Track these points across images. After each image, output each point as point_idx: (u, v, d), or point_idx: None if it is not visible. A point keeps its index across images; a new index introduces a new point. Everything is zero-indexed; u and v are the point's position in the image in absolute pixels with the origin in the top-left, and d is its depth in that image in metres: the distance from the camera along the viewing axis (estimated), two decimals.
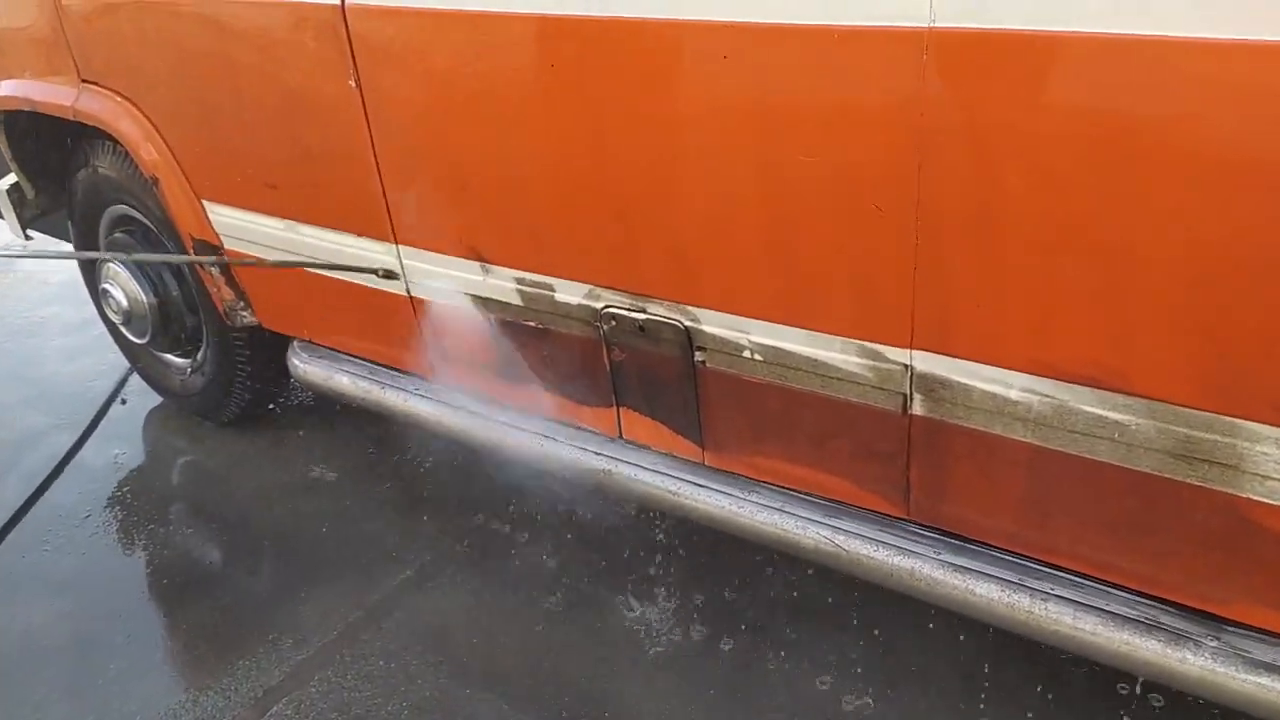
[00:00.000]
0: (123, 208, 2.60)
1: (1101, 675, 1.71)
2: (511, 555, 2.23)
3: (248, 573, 2.28)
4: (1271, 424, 1.14)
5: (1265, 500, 1.19)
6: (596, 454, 1.84)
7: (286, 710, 1.86)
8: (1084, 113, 1.10)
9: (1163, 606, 1.35)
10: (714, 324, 1.56)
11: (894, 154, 1.24)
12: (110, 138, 2.32)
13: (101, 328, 2.92)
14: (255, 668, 1.97)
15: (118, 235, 2.65)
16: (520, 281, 1.76)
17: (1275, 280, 1.06)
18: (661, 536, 2.22)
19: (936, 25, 1.14)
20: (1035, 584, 1.42)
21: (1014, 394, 1.31)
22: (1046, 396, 1.29)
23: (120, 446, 2.77)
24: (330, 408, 2.91)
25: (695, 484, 1.73)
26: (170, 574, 2.27)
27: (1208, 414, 1.18)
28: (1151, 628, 1.33)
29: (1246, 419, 1.15)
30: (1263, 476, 1.18)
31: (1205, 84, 1.02)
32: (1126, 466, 1.27)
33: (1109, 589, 1.39)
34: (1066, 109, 1.11)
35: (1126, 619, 1.35)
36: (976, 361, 1.33)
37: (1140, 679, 1.63)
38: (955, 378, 1.36)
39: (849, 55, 1.22)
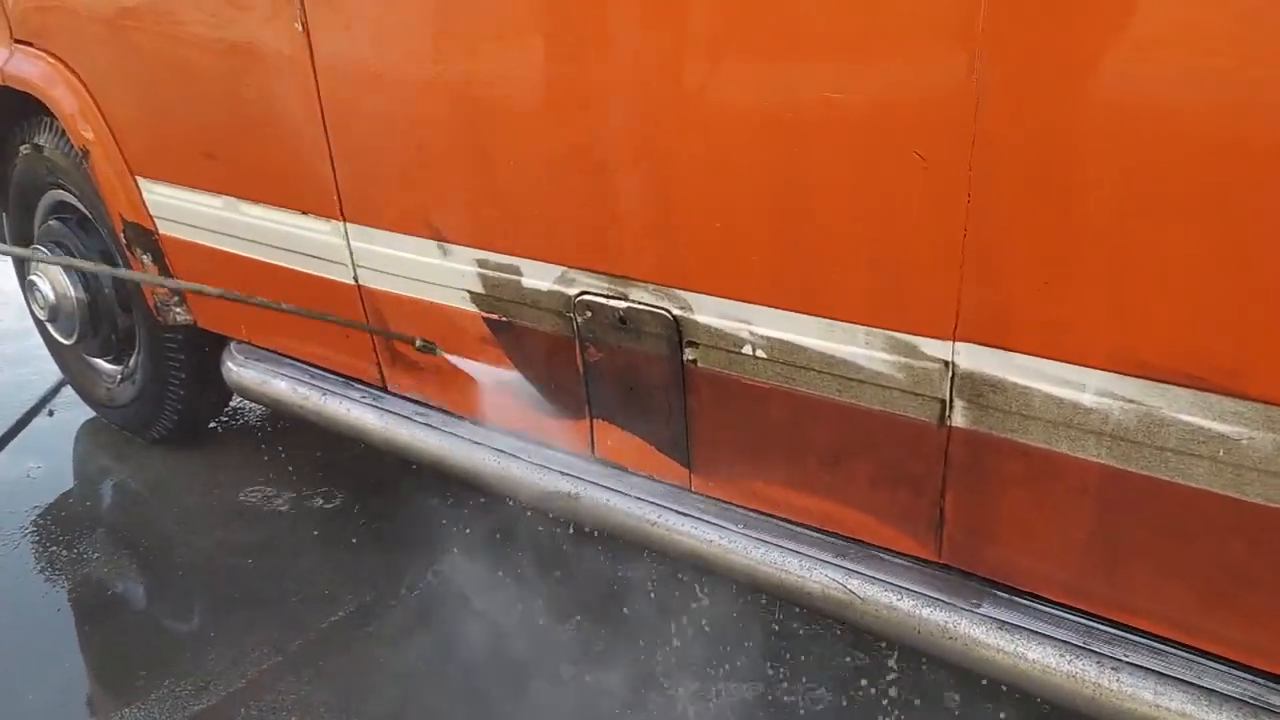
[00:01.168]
0: (60, 193, 2.34)
1: None
2: (469, 606, 1.90)
3: (155, 609, 1.96)
4: None
5: None
6: (562, 474, 1.54)
7: None
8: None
9: (1273, 684, 1.05)
10: (708, 312, 1.28)
11: (944, 82, 0.98)
12: (48, 107, 2.07)
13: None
14: (145, 717, 1.64)
15: (51, 223, 2.38)
16: (483, 264, 1.49)
17: None
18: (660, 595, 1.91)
19: None
20: (1104, 649, 1.12)
21: (1087, 399, 1.03)
22: (1130, 402, 1.00)
23: (37, 460, 2.46)
24: (277, 429, 2.62)
25: (680, 513, 1.43)
26: (65, 607, 1.95)
27: None
28: (1258, 709, 1.03)
29: None
30: None
31: None
32: (1232, 496, 0.99)
33: (1200, 659, 1.09)
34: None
35: (1225, 696, 1.04)
36: (1040, 356, 1.05)
37: None
38: (1011, 378, 1.08)
39: None
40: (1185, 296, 0.95)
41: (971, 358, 1.10)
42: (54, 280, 2.26)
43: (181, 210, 1.92)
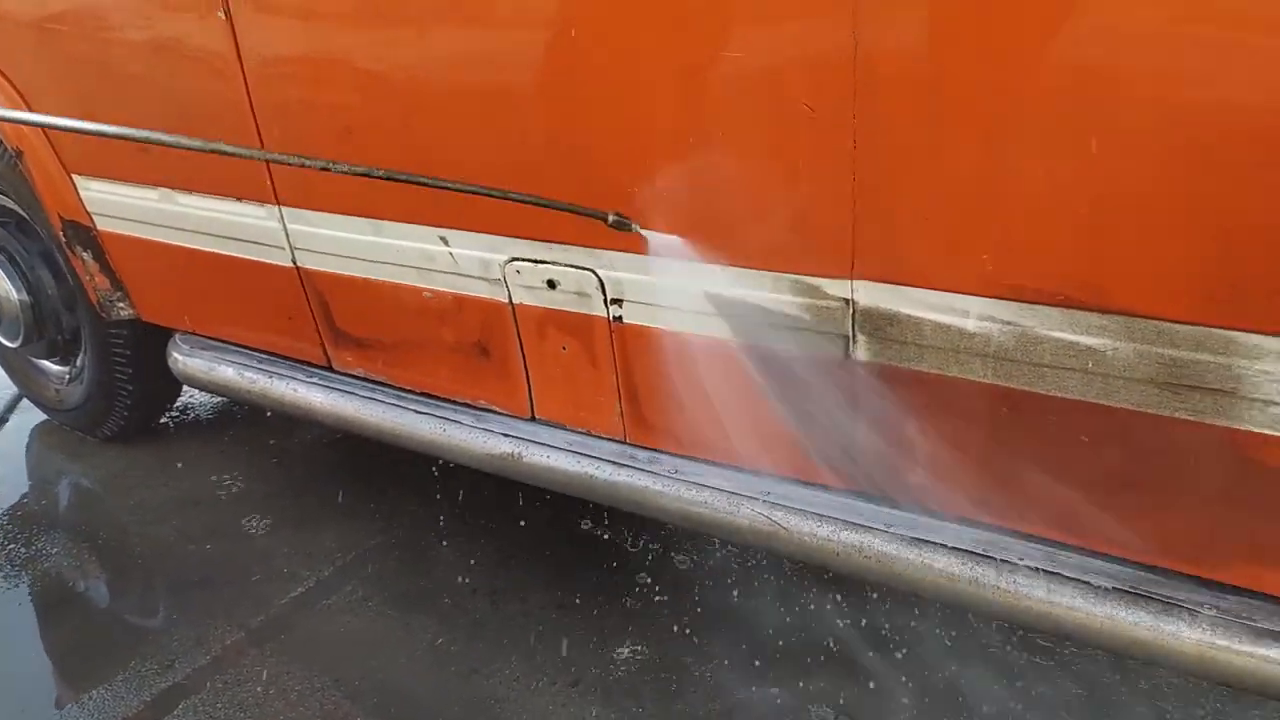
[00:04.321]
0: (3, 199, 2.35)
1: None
2: (421, 573, 1.97)
3: (118, 595, 2.01)
4: (1274, 334, 0.96)
5: (1269, 432, 1.01)
6: (504, 435, 1.61)
7: None
8: None
9: (1152, 574, 1.15)
10: (630, 269, 1.36)
11: (826, 39, 1.07)
12: None
13: None
14: (111, 697, 1.68)
15: None
16: (418, 238, 1.55)
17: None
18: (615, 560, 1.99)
19: None
20: (1002, 555, 1.22)
21: (971, 324, 1.12)
22: (1008, 324, 1.10)
23: None
24: (229, 419, 2.66)
25: (616, 464, 1.51)
26: (25, 600, 1.98)
27: (1198, 328, 1.00)
28: (1139, 598, 1.13)
29: (1244, 330, 0.97)
30: (1265, 402, 0.99)
31: None
32: (1102, 404, 1.09)
33: (1090, 557, 1.19)
34: None
35: (1108, 590, 1.15)
36: (927, 288, 1.14)
37: None
38: (904, 310, 1.17)
39: None
40: (1048, 223, 1.04)
41: (868, 294, 1.18)
42: None
43: (118, 205, 1.95)
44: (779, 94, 1.13)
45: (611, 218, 1.26)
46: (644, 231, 1.28)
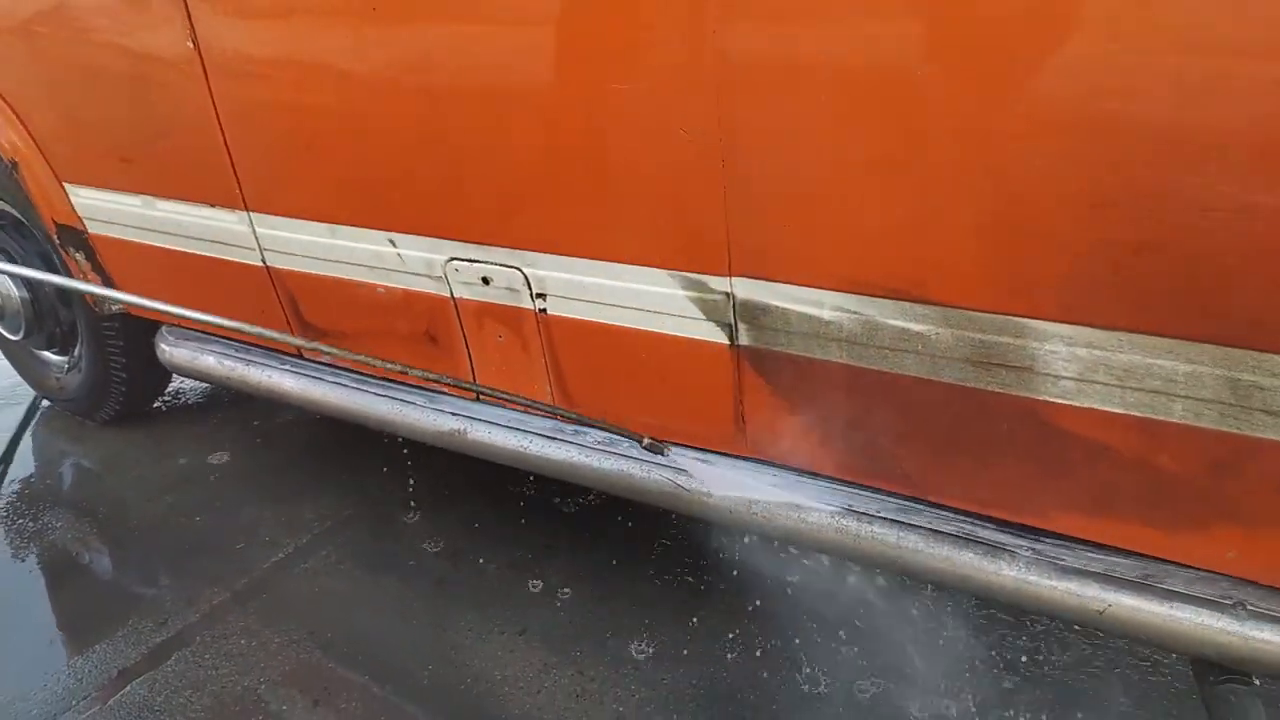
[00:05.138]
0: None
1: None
2: (390, 538, 2.19)
3: (117, 563, 2.22)
4: (1057, 320, 1.16)
5: (1060, 401, 1.21)
6: (452, 414, 1.82)
7: (140, 690, 1.80)
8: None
9: (981, 521, 1.36)
10: (549, 268, 1.56)
11: (691, 75, 1.26)
12: None
13: None
14: (112, 650, 1.91)
15: None
16: (369, 240, 1.74)
17: (1053, 177, 1.09)
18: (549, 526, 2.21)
19: None
20: (862, 508, 1.43)
21: (826, 314, 1.32)
22: (855, 313, 1.30)
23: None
24: (216, 403, 2.87)
25: (548, 437, 1.72)
26: (35, 567, 2.20)
27: (998, 316, 1.20)
28: (969, 542, 1.34)
29: (1034, 318, 1.17)
30: (1055, 376, 1.20)
31: None
32: (933, 379, 1.29)
33: (932, 509, 1.40)
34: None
35: (945, 535, 1.36)
36: (790, 284, 1.34)
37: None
38: (774, 302, 1.37)
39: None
40: (877, 227, 1.23)
41: (745, 288, 1.38)
42: None
43: (106, 210, 2.15)
44: (665, 121, 1.32)
45: (646, 441, 1.53)
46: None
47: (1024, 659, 1.71)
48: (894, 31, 1.11)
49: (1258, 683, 1.24)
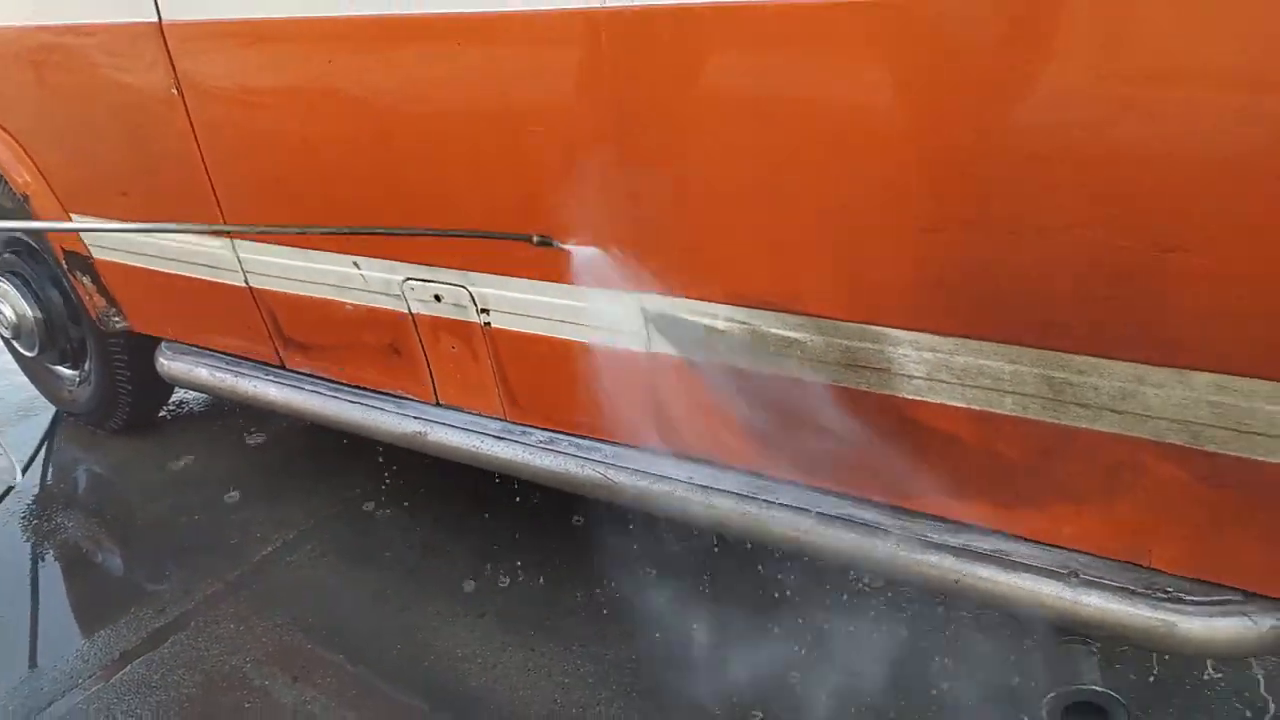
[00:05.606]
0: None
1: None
2: (368, 533, 2.39)
3: (123, 558, 2.43)
4: (905, 328, 1.34)
5: (915, 397, 1.39)
6: (415, 418, 2.01)
7: (140, 669, 2.01)
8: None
9: (863, 504, 1.54)
10: (490, 286, 1.75)
11: (594, 115, 1.45)
12: None
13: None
14: (115, 635, 2.12)
15: (6, 255, 2.82)
16: (336, 263, 1.95)
17: (890, 205, 1.26)
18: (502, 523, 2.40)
19: (609, 5, 1.35)
20: (767, 496, 1.61)
21: (721, 324, 1.51)
22: (744, 324, 1.48)
23: (17, 455, 2.92)
24: (218, 413, 3.09)
25: (497, 438, 1.91)
26: (47, 562, 2.42)
27: (859, 325, 1.38)
28: (851, 522, 1.52)
29: (886, 326, 1.35)
30: (909, 376, 1.37)
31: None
32: (812, 380, 1.47)
33: (820, 494, 1.58)
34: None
35: (832, 517, 1.54)
36: (689, 299, 1.52)
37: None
38: (679, 315, 1.55)
39: (549, 52, 1.43)
40: (754, 251, 1.42)
41: (654, 303, 1.57)
42: (14, 304, 2.71)
43: (109, 237, 2.37)
44: (567, 165, 1.51)
45: (536, 239, 1.58)
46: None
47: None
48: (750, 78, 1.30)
49: (1095, 647, 1.41)
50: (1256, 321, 1.07)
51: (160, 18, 1.86)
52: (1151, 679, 1.75)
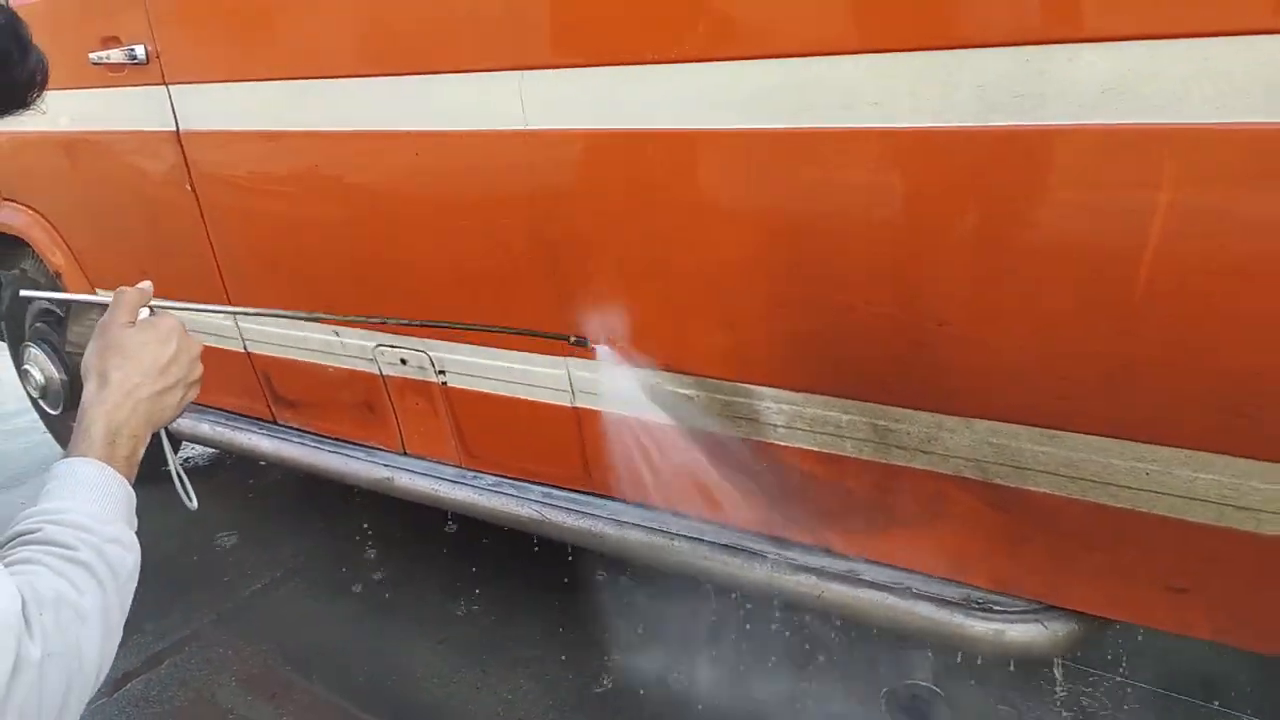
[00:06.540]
0: (43, 302, 3.13)
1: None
2: (347, 569, 2.68)
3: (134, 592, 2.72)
4: (765, 385, 1.64)
5: (780, 443, 1.69)
6: (384, 466, 2.32)
7: (139, 686, 2.29)
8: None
9: (753, 536, 1.82)
10: (445, 351, 2.07)
11: (522, 215, 1.78)
12: (28, 244, 2.88)
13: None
14: (120, 658, 2.37)
15: (38, 325, 3.18)
16: (321, 331, 2.28)
17: (752, 282, 1.57)
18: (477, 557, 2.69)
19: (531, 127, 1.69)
20: (673, 529, 1.89)
21: (635, 383, 1.82)
22: (653, 383, 1.79)
23: (25, 496, 3.23)
24: (220, 465, 3.40)
25: (453, 482, 2.21)
26: None
27: (733, 383, 1.68)
28: (738, 550, 1.81)
29: (751, 383, 1.66)
30: (774, 425, 1.68)
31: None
32: (716, 431, 1.76)
33: (722, 528, 1.86)
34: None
35: (724, 546, 1.82)
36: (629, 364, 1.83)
37: None
38: (592, 375, 1.86)
39: (491, 157, 1.77)
40: (649, 319, 1.73)
41: (576, 366, 1.88)
42: (42, 367, 3.06)
43: None
44: (509, 254, 1.84)
45: (572, 339, 1.82)
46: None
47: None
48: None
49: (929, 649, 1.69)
50: (1003, 377, 1.38)
51: (178, 128, 2.23)
52: (972, 679, 2.00)
